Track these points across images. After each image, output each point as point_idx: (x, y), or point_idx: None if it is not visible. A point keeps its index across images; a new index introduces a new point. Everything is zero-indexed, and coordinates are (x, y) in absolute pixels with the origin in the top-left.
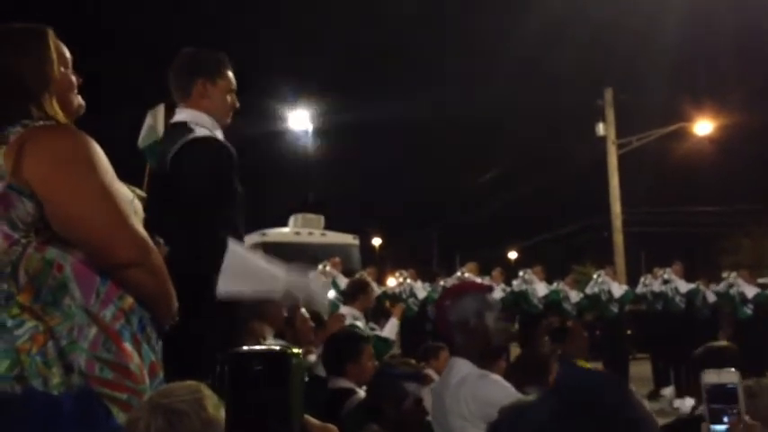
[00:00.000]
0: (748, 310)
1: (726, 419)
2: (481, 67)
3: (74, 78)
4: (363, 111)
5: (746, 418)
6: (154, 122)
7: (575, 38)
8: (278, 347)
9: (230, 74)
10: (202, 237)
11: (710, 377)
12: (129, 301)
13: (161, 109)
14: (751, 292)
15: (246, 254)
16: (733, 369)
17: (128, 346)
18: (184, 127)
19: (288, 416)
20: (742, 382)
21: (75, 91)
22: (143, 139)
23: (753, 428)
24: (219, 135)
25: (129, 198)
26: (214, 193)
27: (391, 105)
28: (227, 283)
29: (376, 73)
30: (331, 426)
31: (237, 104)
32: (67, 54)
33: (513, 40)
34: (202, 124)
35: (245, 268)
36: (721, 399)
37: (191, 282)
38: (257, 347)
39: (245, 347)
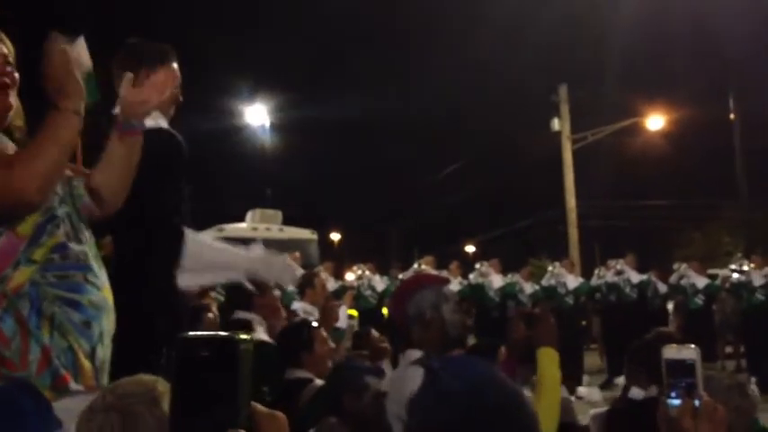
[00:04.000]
0: (699, 300)
1: (683, 394)
2: (438, 65)
3: (6, 79)
4: (322, 106)
5: (704, 393)
6: (78, 55)
7: (529, 35)
8: (225, 333)
9: (175, 65)
10: (154, 226)
11: (670, 352)
12: (14, 283)
13: (82, 41)
14: (702, 282)
15: (203, 245)
16: (693, 345)
17: (5, 331)
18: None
19: (235, 403)
20: (700, 358)
21: (7, 91)
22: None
23: (708, 404)
24: (164, 125)
25: None
26: (165, 182)
27: (349, 101)
28: (185, 278)
29: (334, 68)
30: (278, 413)
31: (182, 98)
32: (3, 50)
33: (468, 37)
34: (149, 118)
35: (202, 260)
36: (680, 374)
37: (142, 271)
38: (204, 333)
39: (191, 333)
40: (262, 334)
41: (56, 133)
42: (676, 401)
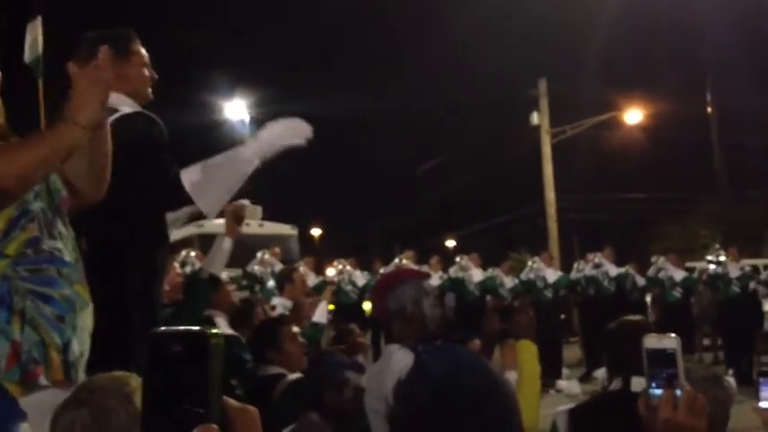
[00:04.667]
0: (677, 293)
1: (663, 384)
2: (418, 61)
3: None
4: (302, 101)
5: (685, 383)
6: (35, 36)
7: (509, 29)
8: (197, 328)
9: (140, 47)
10: (134, 219)
11: (651, 341)
12: None
13: (39, 22)
14: (679, 275)
15: (201, 170)
16: (673, 334)
17: None
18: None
19: (206, 397)
20: (681, 348)
21: None
22: (29, 54)
23: (689, 394)
24: (139, 110)
25: None
26: (145, 167)
27: (331, 96)
28: (208, 202)
29: (315, 64)
30: (250, 407)
31: (156, 76)
32: None
33: (449, 33)
34: (125, 105)
35: (212, 183)
36: (661, 363)
37: (121, 265)
38: (175, 328)
39: (163, 328)
40: (225, 327)
41: (51, 135)
42: (657, 391)
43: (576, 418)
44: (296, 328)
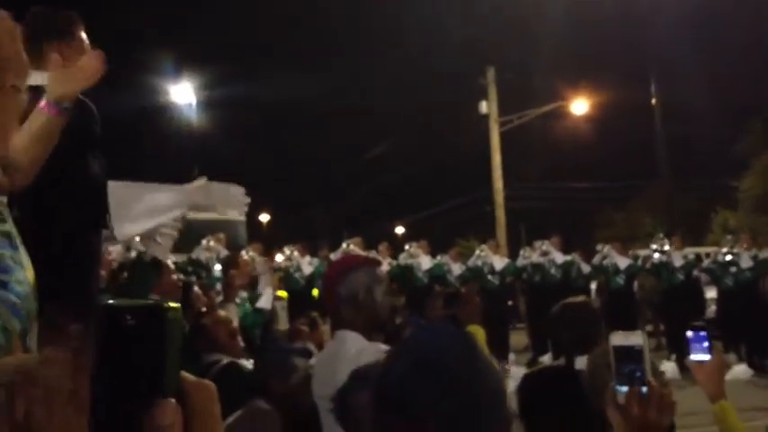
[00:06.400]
0: (621, 280)
1: (629, 381)
2: (369, 46)
3: None
4: (251, 85)
5: (651, 379)
6: None
7: (460, 19)
8: (152, 300)
9: (83, 33)
10: (59, 201)
11: (617, 338)
12: None
13: None
14: (623, 263)
15: (136, 191)
16: (639, 331)
17: None
18: (40, 91)
19: (162, 372)
20: (648, 344)
21: None
22: None
23: (654, 390)
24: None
25: None
26: (74, 152)
27: (279, 80)
28: (125, 227)
29: (263, 47)
30: (207, 381)
31: None
32: None
33: (399, 19)
34: None
35: (138, 207)
36: (627, 360)
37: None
38: (130, 301)
39: (117, 300)
40: None
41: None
42: (623, 388)
43: (526, 383)
44: (223, 312)
